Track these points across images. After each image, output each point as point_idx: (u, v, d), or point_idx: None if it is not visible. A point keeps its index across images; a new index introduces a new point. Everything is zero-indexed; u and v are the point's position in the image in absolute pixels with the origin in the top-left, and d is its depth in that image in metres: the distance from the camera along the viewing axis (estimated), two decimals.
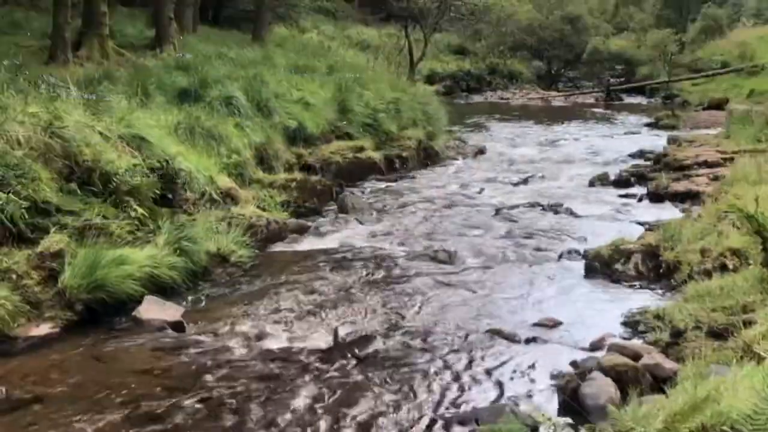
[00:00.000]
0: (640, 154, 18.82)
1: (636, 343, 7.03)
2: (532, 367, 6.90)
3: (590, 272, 9.51)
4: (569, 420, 5.55)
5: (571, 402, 5.89)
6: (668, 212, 12.44)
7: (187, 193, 10.50)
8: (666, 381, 5.88)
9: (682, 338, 6.75)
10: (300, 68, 18.69)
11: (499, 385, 6.59)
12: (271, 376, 6.68)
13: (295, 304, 8.47)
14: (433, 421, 5.91)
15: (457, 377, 6.72)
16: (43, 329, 7.38)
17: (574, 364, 6.63)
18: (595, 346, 7.20)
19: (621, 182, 15.47)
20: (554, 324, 7.88)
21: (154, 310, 7.93)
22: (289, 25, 32.93)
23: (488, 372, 6.82)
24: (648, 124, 25.81)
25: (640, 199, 14.02)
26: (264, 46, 21.83)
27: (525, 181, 16.17)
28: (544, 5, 41.82)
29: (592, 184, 15.60)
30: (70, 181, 8.80)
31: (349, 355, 7.12)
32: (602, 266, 9.44)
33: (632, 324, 7.69)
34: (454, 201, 14.08)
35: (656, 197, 13.75)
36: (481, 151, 19.97)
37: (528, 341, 7.48)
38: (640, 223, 11.75)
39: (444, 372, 6.82)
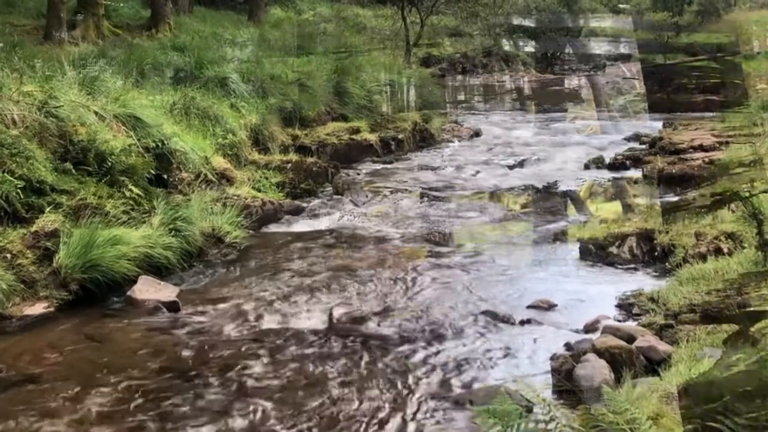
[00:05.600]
0: (636, 137, 18.78)
1: (630, 325, 7.03)
2: (527, 348, 6.92)
3: (585, 255, 9.52)
4: (564, 401, 5.56)
5: (566, 383, 5.90)
6: None
7: (182, 173, 10.50)
8: (660, 363, 5.92)
9: (677, 321, 6.76)
10: (296, 49, 18.60)
11: (494, 366, 6.61)
12: (266, 356, 6.69)
13: (289, 285, 8.48)
14: (427, 402, 5.93)
15: (451, 359, 6.73)
16: (38, 308, 7.39)
17: (568, 345, 6.64)
18: (589, 328, 7.22)
19: (616, 165, 15.41)
20: (549, 306, 7.90)
21: (148, 290, 7.94)
22: (285, 7, 32.78)
23: (483, 353, 6.84)
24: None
25: (635, 182, 14.02)
26: (260, 27, 21.75)
27: (520, 164, 16.12)
28: None
29: (587, 167, 15.56)
30: (65, 160, 8.79)
31: (344, 336, 7.14)
32: (597, 249, 9.45)
33: (626, 306, 7.72)
34: (450, 183, 14.06)
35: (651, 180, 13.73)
36: (476, 134, 19.90)
37: (523, 323, 7.49)
38: None
39: (438, 353, 6.83)
